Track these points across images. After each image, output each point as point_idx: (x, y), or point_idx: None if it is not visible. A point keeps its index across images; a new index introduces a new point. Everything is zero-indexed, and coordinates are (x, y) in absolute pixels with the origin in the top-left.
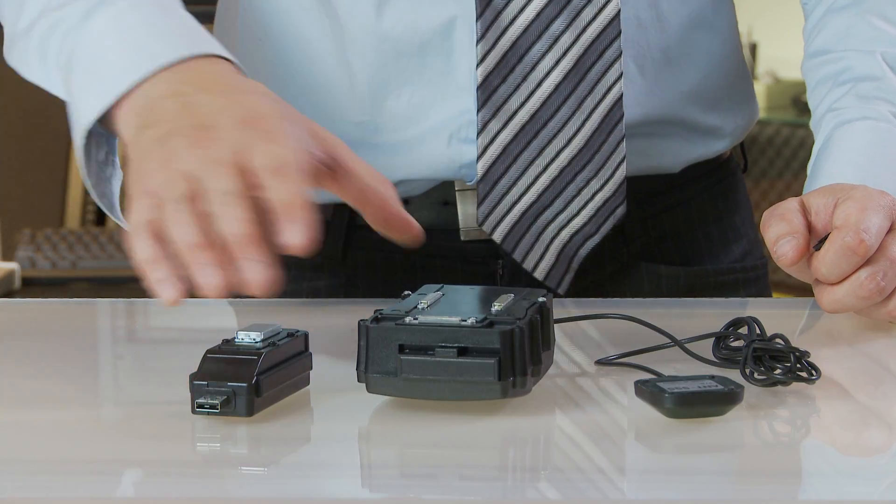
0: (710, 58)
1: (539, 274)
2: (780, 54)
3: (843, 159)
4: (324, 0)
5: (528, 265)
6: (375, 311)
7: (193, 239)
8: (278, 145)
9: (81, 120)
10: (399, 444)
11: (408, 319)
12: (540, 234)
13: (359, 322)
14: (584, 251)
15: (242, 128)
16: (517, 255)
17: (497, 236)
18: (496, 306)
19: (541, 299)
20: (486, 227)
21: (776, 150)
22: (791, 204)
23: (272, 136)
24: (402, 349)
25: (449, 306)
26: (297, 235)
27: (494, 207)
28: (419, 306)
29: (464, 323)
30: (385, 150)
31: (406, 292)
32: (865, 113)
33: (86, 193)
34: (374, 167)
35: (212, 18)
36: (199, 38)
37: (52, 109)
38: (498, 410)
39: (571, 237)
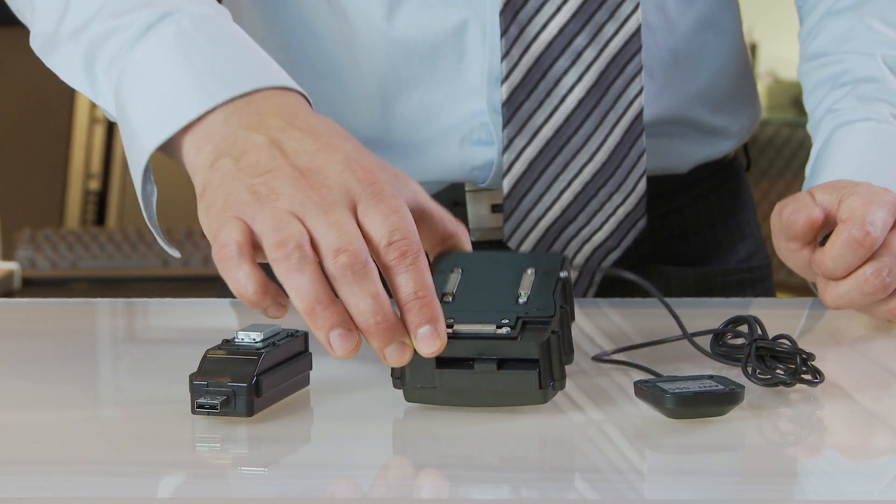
0: (718, 59)
1: None
2: (780, 54)
3: (844, 159)
4: (333, 1)
5: None
6: None
7: (318, 296)
8: (392, 209)
9: (144, 143)
10: (399, 443)
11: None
12: (563, 249)
13: None
14: (605, 265)
15: (349, 176)
16: None
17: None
18: (522, 295)
19: (562, 275)
20: (512, 244)
21: (776, 150)
22: (803, 194)
23: (380, 192)
24: (438, 362)
25: (473, 296)
26: (430, 342)
27: (520, 224)
28: (444, 300)
29: (499, 332)
30: (396, 153)
31: None
32: (866, 114)
33: (86, 193)
34: None
35: None
36: (271, 68)
37: (52, 109)
38: (496, 411)
39: (594, 251)
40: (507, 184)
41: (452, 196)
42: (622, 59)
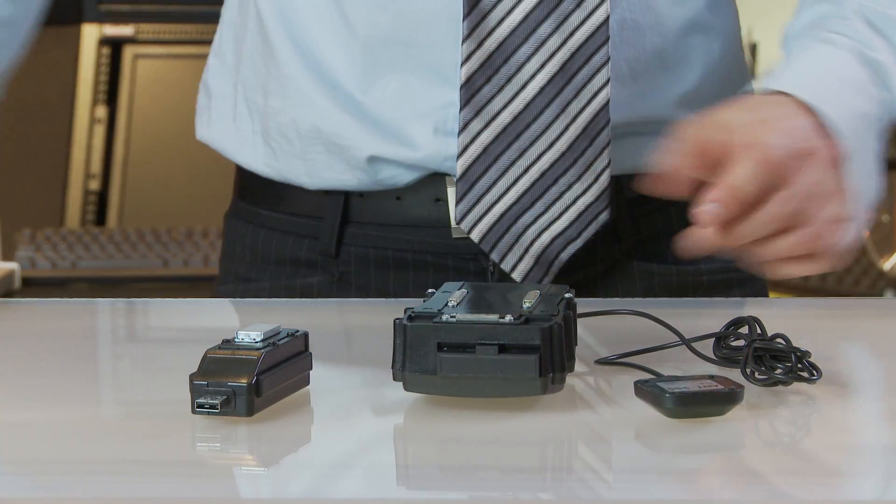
0: (708, 62)
1: (517, 275)
2: (780, 55)
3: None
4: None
5: (506, 266)
6: (407, 310)
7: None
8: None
9: None
10: (399, 443)
11: (445, 317)
12: (520, 235)
13: (395, 321)
14: (565, 255)
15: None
16: (495, 256)
17: (475, 235)
18: (527, 303)
19: (567, 295)
20: (465, 226)
21: None
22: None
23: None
24: (440, 347)
25: (479, 304)
26: None
27: (473, 206)
28: (449, 304)
29: (502, 320)
30: (375, 129)
31: (430, 290)
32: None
33: (86, 193)
34: None
35: (216, 18)
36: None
37: (52, 109)
38: (496, 411)
39: (552, 241)
40: (460, 166)
41: (434, 192)
42: (588, 50)
